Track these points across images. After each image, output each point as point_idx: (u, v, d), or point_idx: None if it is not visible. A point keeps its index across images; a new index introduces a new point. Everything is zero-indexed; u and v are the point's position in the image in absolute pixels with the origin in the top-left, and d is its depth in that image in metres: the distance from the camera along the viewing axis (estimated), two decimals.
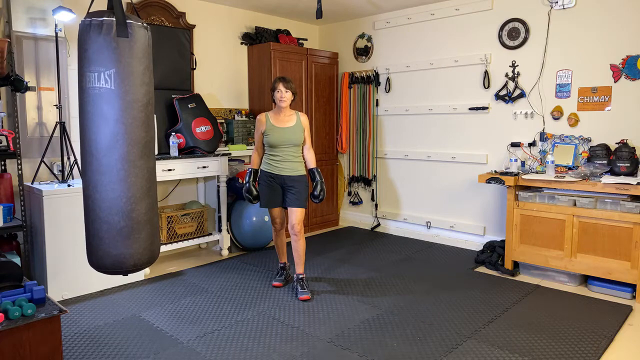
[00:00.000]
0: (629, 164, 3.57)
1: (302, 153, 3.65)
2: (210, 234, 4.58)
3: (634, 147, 3.63)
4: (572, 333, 2.90)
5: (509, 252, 4.00)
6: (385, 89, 5.38)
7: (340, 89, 5.73)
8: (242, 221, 4.58)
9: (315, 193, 3.54)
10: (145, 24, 2.11)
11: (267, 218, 4.64)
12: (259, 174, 3.64)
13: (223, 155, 4.50)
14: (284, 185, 3.55)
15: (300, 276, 3.57)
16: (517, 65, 4.36)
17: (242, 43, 5.18)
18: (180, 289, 3.67)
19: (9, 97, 3.56)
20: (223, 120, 4.97)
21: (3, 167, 3.57)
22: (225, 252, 4.57)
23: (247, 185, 3.61)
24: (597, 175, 3.62)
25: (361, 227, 5.72)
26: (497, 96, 4.48)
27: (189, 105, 4.40)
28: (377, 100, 5.46)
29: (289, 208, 3.55)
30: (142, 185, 2.11)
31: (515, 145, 4.37)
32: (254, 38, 5.17)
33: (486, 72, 4.55)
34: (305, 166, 3.63)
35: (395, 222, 5.41)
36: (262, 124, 3.56)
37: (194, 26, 4.72)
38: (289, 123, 3.55)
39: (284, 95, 3.50)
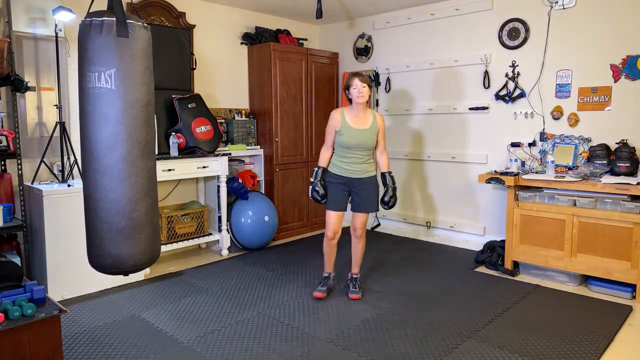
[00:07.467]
0: (629, 164, 3.57)
1: (375, 154, 3.41)
2: (210, 234, 4.58)
3: (634, 147, 3.63)
4: (572, 333, 2.90)
5: (509, 252, 4.00)
6: (385, 89, 5.38)
7: (340, 89, 5.73)
8: (242, 221, 4.58)
9: (385, 199, 3.34)
10: (145, 24, 2.11)
11: (267, 218, 4.64)
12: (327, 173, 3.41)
13: (223, 155, 4.50)
14: (351, 189, 3.33)
15: (355, 276, 3.53)
16: (517, 65, 4.36)
17: (242, 43, 5.18)
18: (180, 289, 3.67)
19: (9, 97, 3.56)
20: (223, 120, 4.97)
21: (3, 167, 3.57)
22: (225, 252, 4.57)
23: (315, 184, 3.31)
24: (597, 175, 3.62)
25: None
26: (497, 96, 4.48)
27: (189, 105, 4.40)
28: (377, 100, 5.46)
29: (353, 212, 3.41)
30: (142, 186, 2.11)
31: (515, 145, 4.37)
32: (254, 38, 5.17)
33: (486, 72, 4.55)
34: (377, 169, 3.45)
35: (395, 222, 5.41)
36: (337, 122, 3.27)
37: (194, 26, 4.72)
38: (365, 124, 3.27)
39: (361, 90, 3.21)
